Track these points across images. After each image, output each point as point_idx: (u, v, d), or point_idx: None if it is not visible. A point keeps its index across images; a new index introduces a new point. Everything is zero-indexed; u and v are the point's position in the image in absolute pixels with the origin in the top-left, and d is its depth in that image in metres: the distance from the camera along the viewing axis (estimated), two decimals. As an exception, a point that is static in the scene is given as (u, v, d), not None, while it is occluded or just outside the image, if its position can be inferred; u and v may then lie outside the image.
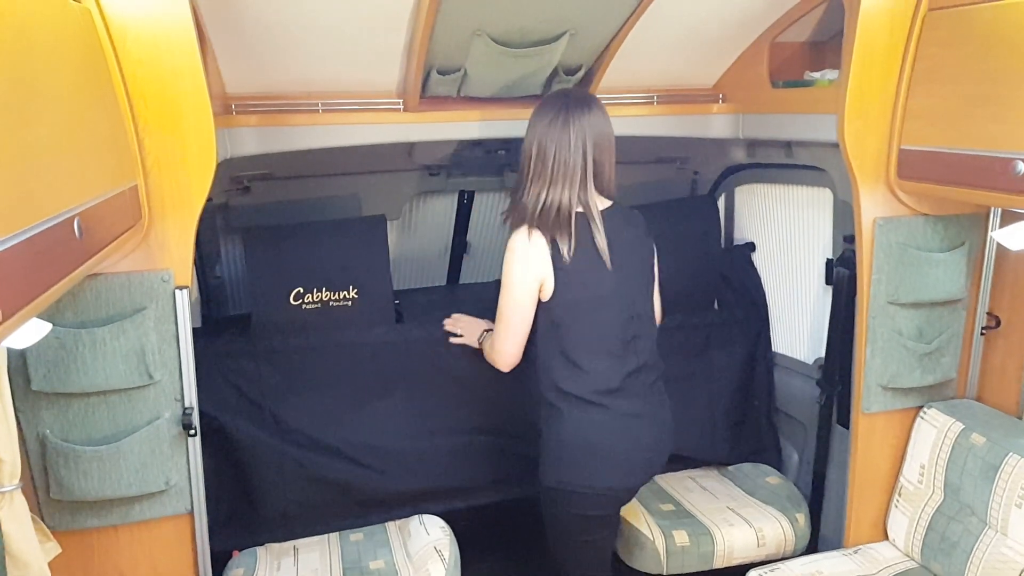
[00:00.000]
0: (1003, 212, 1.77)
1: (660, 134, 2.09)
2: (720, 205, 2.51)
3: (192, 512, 1.53)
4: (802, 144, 2.03)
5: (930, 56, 1.57)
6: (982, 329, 1.87)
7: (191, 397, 1.48)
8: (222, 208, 2.31)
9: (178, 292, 1.43)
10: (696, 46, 1.98)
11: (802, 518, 2.06)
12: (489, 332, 1.87)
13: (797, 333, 2.31)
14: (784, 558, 1.97)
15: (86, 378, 1.37)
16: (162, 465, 1.47)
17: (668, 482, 2.24)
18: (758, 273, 2.39)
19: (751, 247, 2.42)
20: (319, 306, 2.02)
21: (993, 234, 1.76)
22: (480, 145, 2.31)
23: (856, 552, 1.88)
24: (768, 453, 2.35)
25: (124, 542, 1.51)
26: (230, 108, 1.74)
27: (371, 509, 2.07)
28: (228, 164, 1.72)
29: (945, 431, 1.79)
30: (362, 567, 1.82)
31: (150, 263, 1.41)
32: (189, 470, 1.51)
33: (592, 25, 1.72)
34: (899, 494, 1.88)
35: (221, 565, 1.79)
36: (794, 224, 2.27)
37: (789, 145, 2.09)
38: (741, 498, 2.15)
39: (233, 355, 1.95)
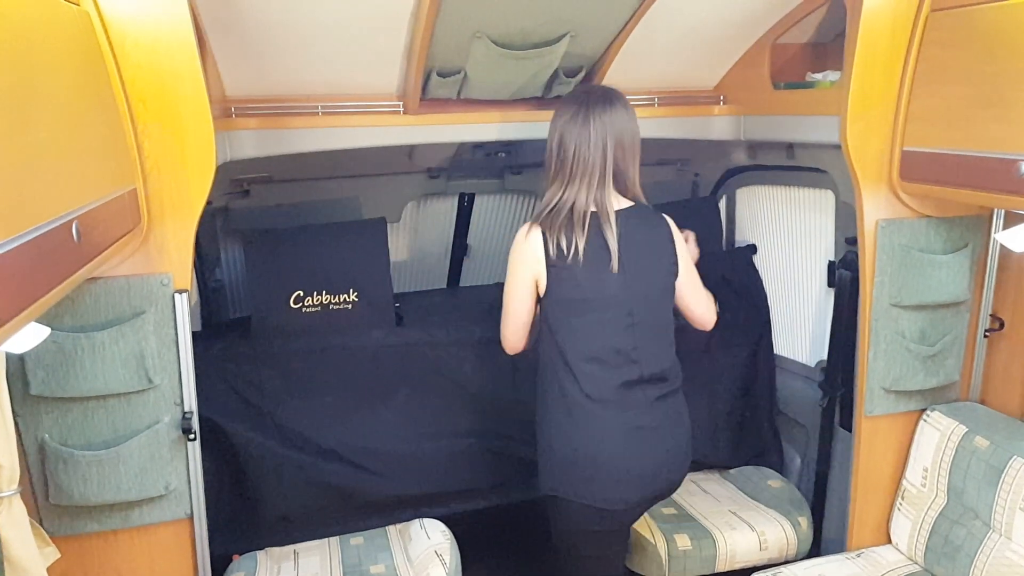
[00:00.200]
0: (1006, 213, 1.76)
1: (661, 136, 2.08)
2: (721, 207, 2.51)
3: (192, 516, 1.52)
4: (804, 146, 2.03)
5: (932, 57, 1.57)
6: (985, 331, 1.86)
7: (191, 401, 1.47)
8: (222, 211, 2.31)
9: (177, 296, 1.43)
10: (697, 48, 1.98)
11: (804, 521, 2.05)
12: None
13: (799, 335, 2.30)
14: (787, 562, 1.96)
15: (85, 382, 1.37)
16: (161, 470, 1.46)
17: (670, 485, 2.23)
18: (759, 275, 2.38)
19: (752, 249, 2.41)
20: (319, 309, 2.01)
21: (996, 236, 1.75)
22: (480, 148, 2.30)
23: (859, 556, 1.87)
24: (770, 456, 2.34)
25: (123, 547, 1.50)
26: (230, 111, 1.74)
27: (372, 513, 2.06)
28: (228, 167, 1.71)
29: (948, 434, 1.78)
30: (362, 571, 1.81)
31: (149, 267, 1.41)
32: (189, 474, 1.50)
33: (593, 27, 1.72)
34: (902, 497, 1.87)
35: (221, 569, 1.78)
36: (796, 226, 2.26)
37: (791, 147, 2.09)
38: (743, 501, 2.14)
39: (233, 359, 1.95)
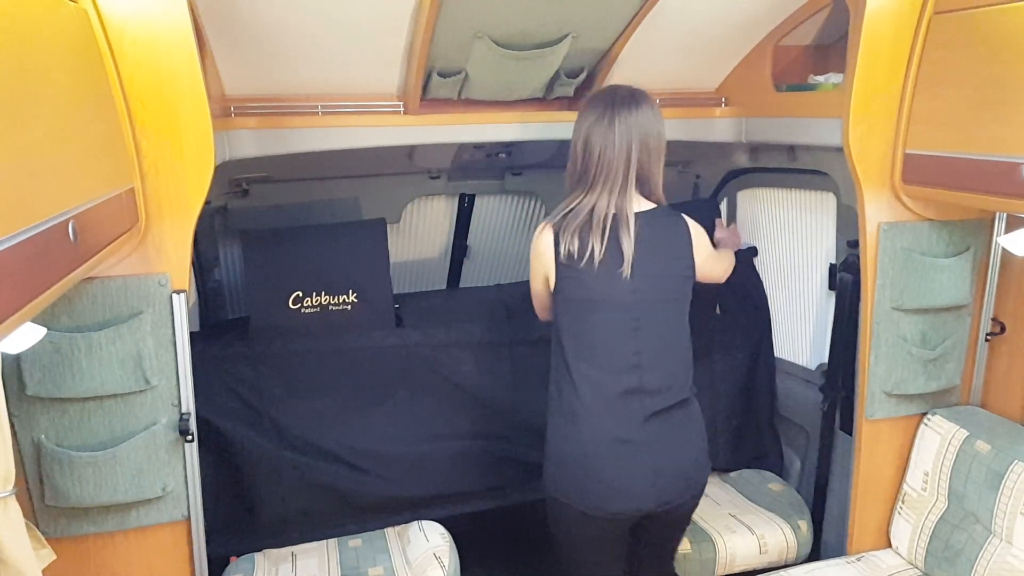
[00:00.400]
0: (1008, 217, 1.75)
1: None
2: (722, 209, 2.50)
3: (189, 518, 1.51)
4: (805, 148, 2.02)
5: (936, 59, 1.56)
6: (987, 335, 1.86)
7: (188, 402, 1.46)
8: (221, 211, 2.30)
9: (175, 296, 1.42)
10: (699, 49, 1.97)
11: (804, 525, 2.04)
12: None
13: (800, 338, 2.29)
14: (786, 565, 1.96)
15: (82, 383, 1.35)
16: (159, 471, 1.45)
17: (669, 488, 2.22)
18: (760, 278, 2.38)
19: (753, 251, 2.40)
20: (318, 310, 2.01)
21: (999, 239, 1.75)
22: (481, 148, 2.30)
23: (859, 559, 1.86)
24: (770, 459, 2.33)
25: (120, 549, 1.49)
26: (229, 110, 1.73)
27: (370, 514, 2.05)
28: (227, 167, 1.70)
29: (949, 438, 1.78)
30: (360, 573, 1.80)
31: (147, 267, 1.40)
32: (186, 476, 1.49)
33: (594, 28, 1.71)
34: (903, 501, 1.86)
35: (219, 571, 1.77)
36: (797, 229, 2.25)
37: (792, 149, 2.08)
38: (743, 505, 2.14)
39: (231, 360, 1.94)
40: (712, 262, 1.68)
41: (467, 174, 2.47)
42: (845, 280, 1.96)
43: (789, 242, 2.29)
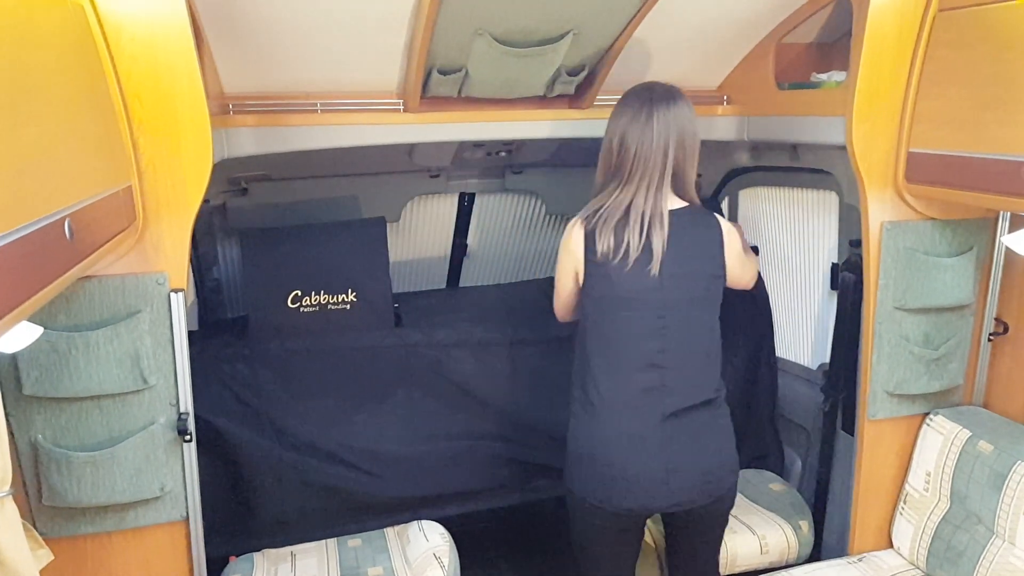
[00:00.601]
0: (1012, 216, 1.75)
1: None
2: (724, 208, 2.49)
3: (187, 519, 1.51)
4: (808, 147, 2.01)
5: (940, 58, 1.55)
6: (990, 335, 1.85)
7: (186, 402, 1.46)
8: (219, 210, 2.29)
9: (173, 295, 1.41)
10: (701, 47, 1.96)
11: (806, 525, 2.03)
12: None
13: (801, 338, 2.28)
14: (787, 566, 1.95)
15: (79, 383, 1.35)
16: (157, 471, 1.44)
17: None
18: (762, 277, 2.37)
19: (755, 251, 2.39)
20: (317, 309, 2.00)
21: (1003, 239, 1.74)
22: (481, 147, 2.28)
23: (860, 560, 1.85)
24: (771, 459, 2.32)
25: (118, 549, 1.48)
26: (227, 108, 1.72)
27: (370, 514, 2.04)
28: (225, 165, 1.69)
29: (952, 438, 1.77)
30: (360, 573, 1.79)
31: (145, 266, 1.39)
32: (184, 476, 1.48)
33: (596, 25, 1.69)
34: (904, 502, 1.86)
35: (218, 571, 1.76)
36: (799, 228, 2.24)
37: (795, 148, 2.07)
38: (744, 505, 2.12)
39: (230, 359, 1.93)
40: (741, 266, 1.65)
41: (467, 173, 2.46)
42: (847, 279, 1.95)
43: (791, 241, 2.28)
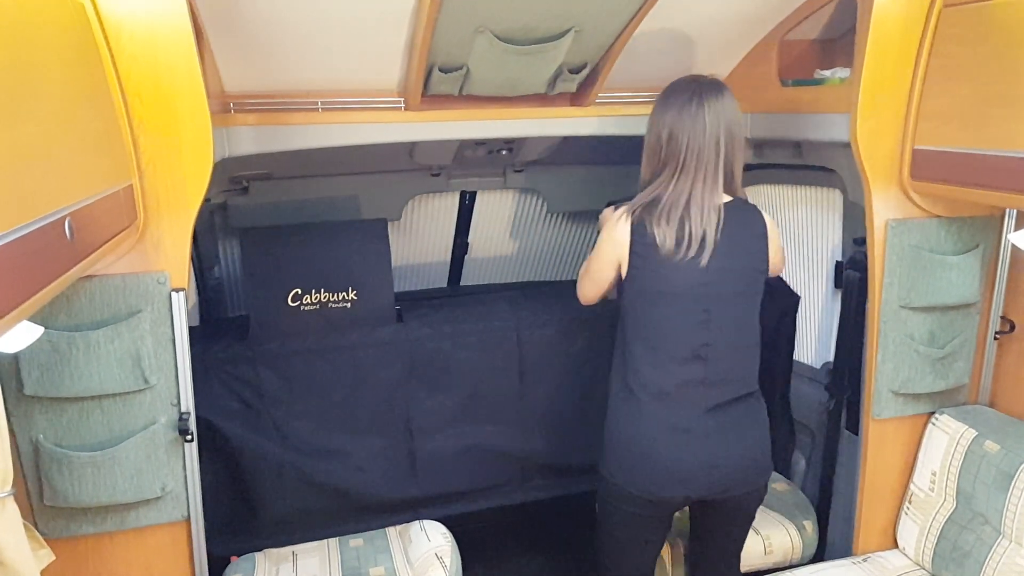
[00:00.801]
0: (1019, 214, 1.73)
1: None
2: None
3: (189, 519, 1.50)
4: (812, 144, 2.00)
5: (945, 53, 1.54)
6: (996, 333, 1.84)
7: (188, 402, 1.45)
8: (220, 208, 2.28)
9: (174, 294, 1.40)
10: (703, 44, 1.95)
11: (810, 525, 2.02)
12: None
13: (805, 337, 2.27)
14: (792, 566, 1.94)
15: (80, 382, 1.34)
16: (158, 471, 1.44)
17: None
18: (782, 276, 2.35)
19: None
20: (317, 307, 1.99)
21: (1009, 236, 1.73)
22: (482, 145, 2.27)
23: (865, 560, 1.84)
24: (775, 459, 2.31)
25: (119, 549, 1.48)
26: (228, 107, 1.71)
27: (371, 514, 2.04)
28: (226, 164, 1.69)
29: (957, 438, 1.76)
30: (362, 573, 1.79)
31: (145, 265, 1.38)
32: (186, 476, 1.48)
33: (597, 22, 1.68)
34: (909, 501, 1.84)
35: (219, 571, 1.76)
36: (802, 226, 2.23)
37: (798, 145, 2.06)
38: (748, 504, 2.11)
39: (231, 359, 1.92)
40: (777, 258, 1.65)
41: (468, 171, 2.45)
42: (852, 278, 1.94)
43: (794, 239, 2.26)
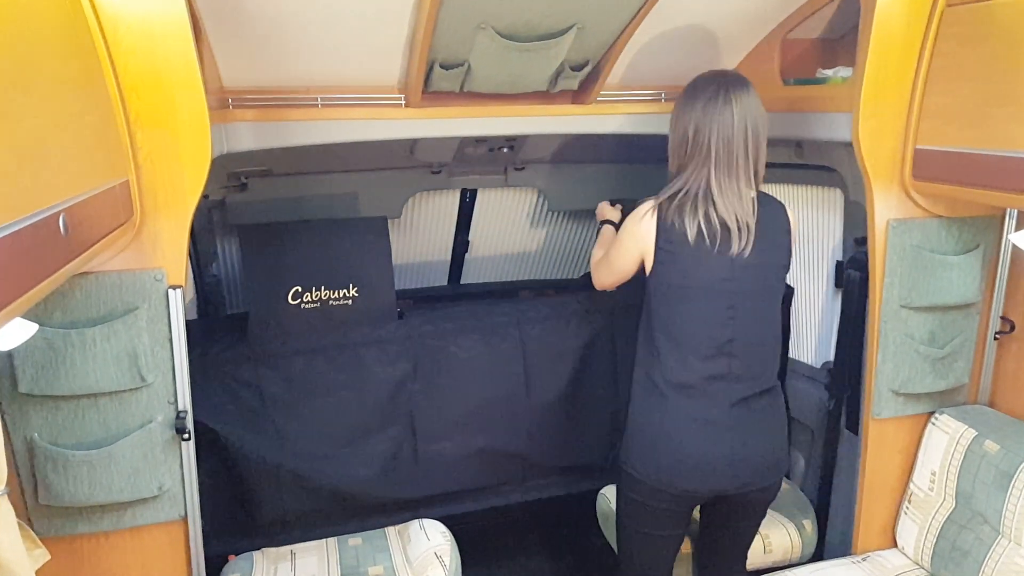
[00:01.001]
0: (1020, 214, 1.73)
1: (668, 132, 2.05)
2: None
3: (186, 518, 1.49)
4: (813, 143, 1.99)
5: (948, 53, 1.53)
6: (996, 334, 1.84)
7: (185, 400, 1.44)
8: (219, 205, 2.27)
9: (171, 292, 1.39)
10: (706, 42, 1.94)
11: (809, 524, 2.02)
12: (607, 225, 1.89)
13: (805, 337, 2.27)
14: (791, 565, 1.94)
15: (75, 380, 1.33)
16: (155, 470, 1.43)
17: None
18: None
19: None
20: (318, 305, 1.98)
21: (1010, 237, 1.72)
22: (483, 142, 2.26)
23: (865, 559, 1.84)
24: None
25: (116, 549, 1.47)
26: (226, 102, 1.69)
27: (370, 513, 2.03)
28: (225, 160, 1.67)
29: (957, 437, 1.76)
30: (360, 572, 1.78)
31: (142, 262, 1.37)
32: (183, 475, 1.47)
33: (600, 19, 1.67)
34: (909, 501, 1.84)
35: (216, 570, 1.75)
36: (803, 225, 2.23)
37: (799, 144, 2.05)
38: (747, 504, 2.11)
39: (231, 358, 1.91)
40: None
41: (469, 169, 2.44)
42: (852, 277, 1.93)
43: (795, 239, 2.26)
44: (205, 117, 1.35)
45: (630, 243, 1.56)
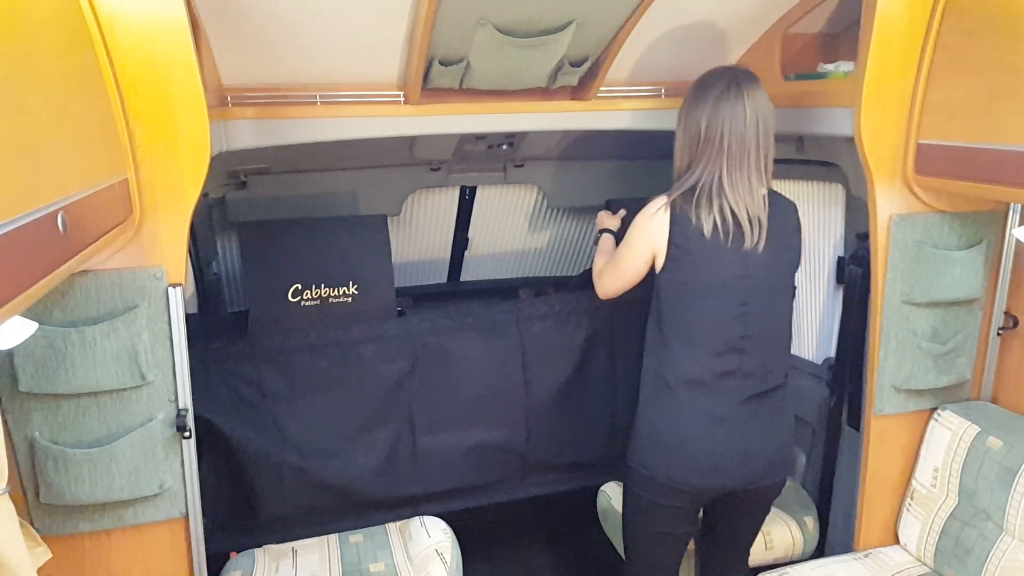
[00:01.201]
0: (1023, 209, 1.72)
1: (668, 128, 2.04)
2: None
3: (187, 516, 1.49)
4: (814, 138, 1.98)
5: (951, 46, 1.52)
6: (999, 329, 1.83)
7: (185, 398, 1.44)
8: (219, 203, 2.26)
9: (171, 290, 1.39)
10: (706, 37, 1.93)
11: (811, 521, 2.02)
12: (606, 233, 1.87)
13: (806, 333, 2.26)
14: (792, 562, 1.93)
15: (76, 379, 1.33)
16: (155, 468, 1.43)
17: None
18: None
19: None
20: (318, 303, 1.98)
21: (1014, 231, 1.72)
22: (483, 139, 2.26)
23: (867, 556, 1.84)
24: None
25: (117, 547, 1.47)
26: (226, 100, 1.69)
27: (371, 510, 2.03)
28: (225, 158, 1.67)
29: (960, 434, 1.75)
30: (362, 569, 1.78)
31: (142, 260, 1.37)
32: (184, 473, 1.47)
33: (599, 15, 1.67)
34: (911, 497, 1.84)
35: (218, 567, 1.75)
36: (804, 221, 2.20)
37: (800, 140, 2.04)
38: (749, 500, 2.11)
39: (231, 356, 1.91)
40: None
41: (469, 166, 2.43)
42: (854, 273, 1.93)
43: (804, 239, 2.25)
44: (204, 115, 1.35)
45: (641, 241, 1.54)
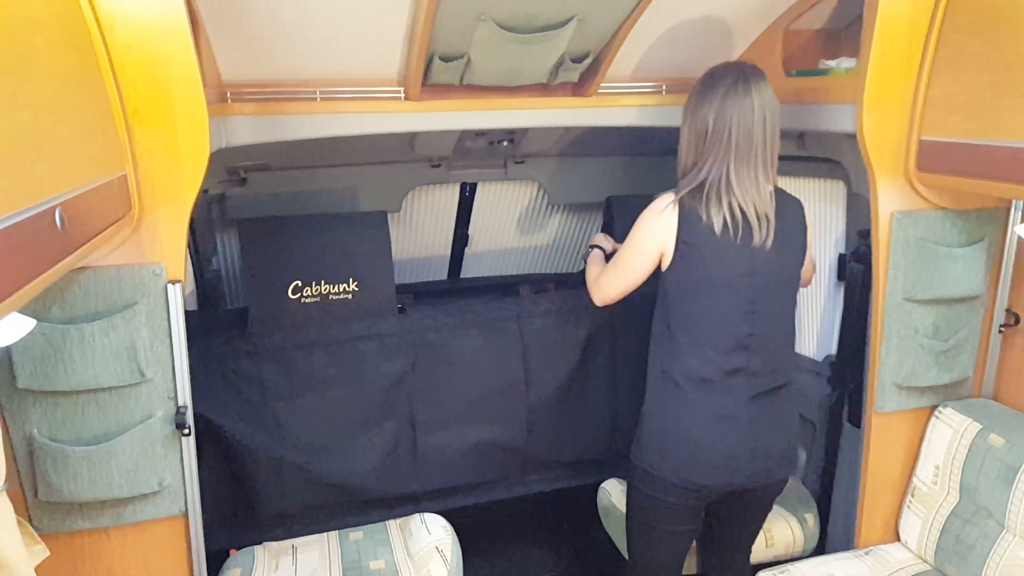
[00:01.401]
0: (1025, 206, 1.72)
1: (669, 125, 2.03)
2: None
3: (187, 513, 1.49)
4: (815, 135, 1.98)
5: (954, 42, 1.51)
6: (1000, 327, 1.82)
7: (184, 395, 1.43)
8: (218, 200, 2.26)
9: (170, 286, 1.38)
10: (707, 34, 1.92)
11: (811, 518, 2.02)
12: (596, 249, 1.87)
13: (807, 330, 2.26)
14: (793, 559, 1.93)
15: (75, 376, 1.32)
16: (155, 466, 1.42)
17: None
18: None
19: None
20: (318, 300, 1.97)
21: (1016, 229, 1.71)
22: (483, 136, 2.25)
23: (867, 553, 1.84)
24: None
25: (116, 544, 1.46)
26: (225, 96, 1.68)
27: (371, 507, 2.03)
28: (224, 154, 1.66)
29: (961, 431, 1.75)
30: (362, 567, 1.78)
31: (141, 256, 1.36)
32: (183, 471, 1.46)
33: (600, 10, 1.66)
34: (912, 495, 1.84)
35: (218, 564, 1.75)
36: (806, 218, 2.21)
37: (802, 136, 2.03)
38: (749, 498, 2.11)
39: (231, 353, 1.90)
40: (809, 255, 1.63)
41: (469, 162, 2.43)
42: (855, 270, 1.92)
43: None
44: (203, 111, 1.34)
45: (648, 240, 1.52)
